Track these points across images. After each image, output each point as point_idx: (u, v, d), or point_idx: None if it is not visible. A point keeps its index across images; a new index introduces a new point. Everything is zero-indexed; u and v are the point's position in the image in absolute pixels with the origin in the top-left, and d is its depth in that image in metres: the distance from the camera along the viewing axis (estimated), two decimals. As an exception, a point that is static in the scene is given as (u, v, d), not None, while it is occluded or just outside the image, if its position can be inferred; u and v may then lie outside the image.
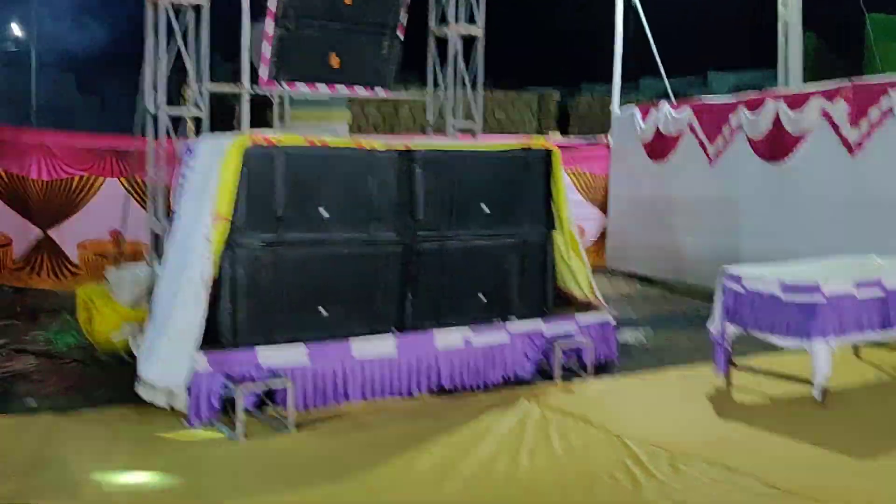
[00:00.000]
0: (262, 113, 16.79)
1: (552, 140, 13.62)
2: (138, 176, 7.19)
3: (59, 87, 25.80)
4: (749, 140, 10.34)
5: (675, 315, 9.61)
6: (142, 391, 5.70)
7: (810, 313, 6.05)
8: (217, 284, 5.68)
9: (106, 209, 9.76)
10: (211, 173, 5.63)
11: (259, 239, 5.73)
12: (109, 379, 6.52)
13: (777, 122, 9.97)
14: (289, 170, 5.78)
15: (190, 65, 6.48)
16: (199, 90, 6.36)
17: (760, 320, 6.36)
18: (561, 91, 25.36)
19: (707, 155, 10.91)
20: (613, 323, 7.27)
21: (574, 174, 12.45)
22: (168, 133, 6.39)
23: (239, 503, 4.44)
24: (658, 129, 11.66)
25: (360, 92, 7.43)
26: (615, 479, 4.76)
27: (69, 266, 10.41)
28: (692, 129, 11.13)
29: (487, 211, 6.64)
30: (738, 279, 6.56)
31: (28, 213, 10.26)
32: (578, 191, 12.48)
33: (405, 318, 6.36)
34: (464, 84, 7.80)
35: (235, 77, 7.06)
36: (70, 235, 10.44)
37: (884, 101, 8.87)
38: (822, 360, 6.05)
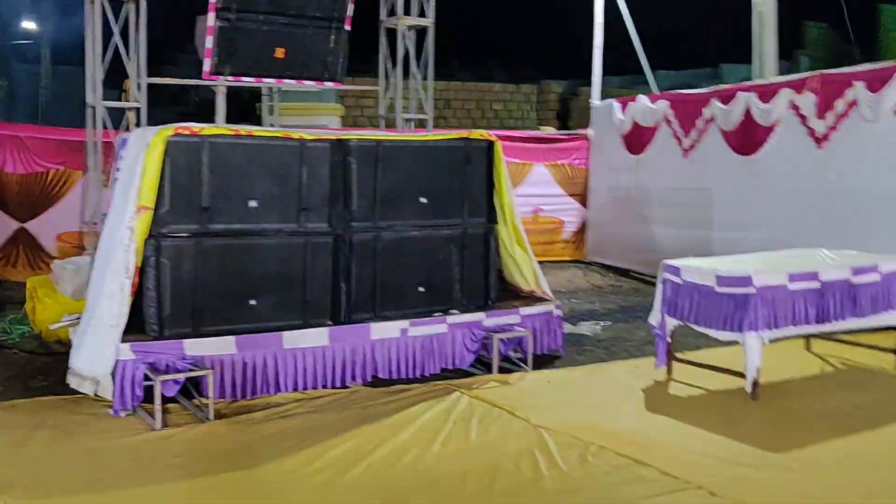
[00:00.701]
0: (251, 107, 16.89)
1: (543, 132, 13.63)
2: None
3: (73, 80, 26.02)
4: (722, 132, 10.28)
5: (641, 308, 9.51)
6: (71, 380, 5.78)
7: (742, 305, 6.01)
8: (143, 274, 5.74)
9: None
10: (136, 164, 5.69)
11: (183, 229, 5.78)
12: (52, 368, 6.61)
13: (748, 114, 9.91)
14: (214, 160, 5.82)
15: (131, 58, 6.54)
16: (138, 83, 6.40)
17: (697, 313, 6.33)
18: (574, 83, 25.20)
19: (681, 147, 10.85)
20: (559, 314, 7.25)
21: (553, 167, 12.43)
22: (105, 125, 6.45)
23: (134, 491, 4.48)
24: (635, 121, 11.61)
25: (310, 85, 7.47)
26: (518, 469, 4.77)
27: (46, 258, 10.54)
28: (668, 122, 11.07)
29: (425, 202, 6.65)
30: (676, 271, 6.52)
31: (4, 206, 10.42)
32: (558, 183, 12.46)
33: (339, 309, 6.39)
34: (423, 76, 7.83)
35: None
36: (47, 228, 10.59)
37: (849, 93, 8.80)
38: (753, 352, 6.00)
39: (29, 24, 25.98)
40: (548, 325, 7.14)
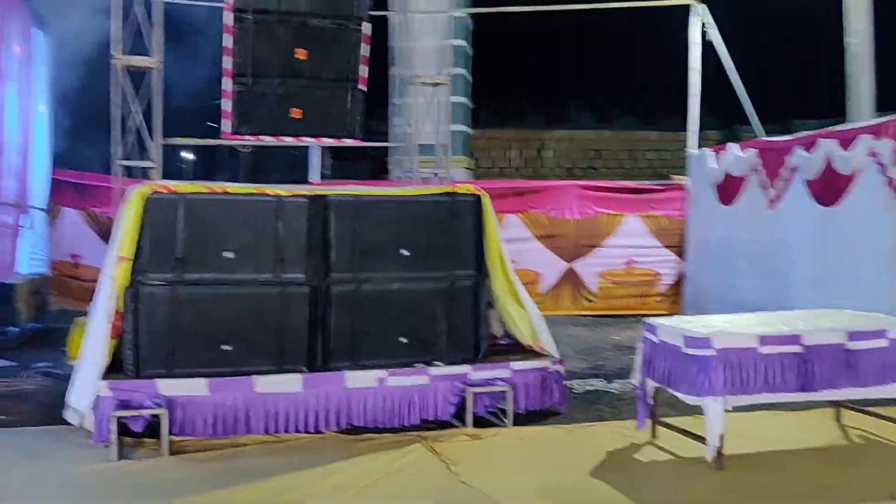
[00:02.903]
0: (382, 161, 17.68)
1: (677, 183, 13.30)
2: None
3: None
4: (805, 182, 9.62)
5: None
6: (65, 412, 6.43)
7: (704, 368, 5.68)
8: (124, 319, 6.29)
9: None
10: (120, 218, 6.29)
11: (159, 278, 6.29)
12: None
13: (829, 162, 9.23)
14: (189, 215, 6.31)
15: (153, 121, 7.22)
16: (152, 144, 7.07)
17: (669, 374, 6.03)
18: (733, 130, 24.20)
19: (767, 198, 10.24)
20: (557, 370, 7.08)
21: (647, 217, 12.09)
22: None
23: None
24: (727, 171, 11.08)
25: (328, 142, 7.86)
26: (396, 525, 4.80)
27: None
28: (755, 171, 10.49)
29: (408, 255, 6.80)
30: (653, 330, 6.25)
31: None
32: (652, 234, 12.09)
33: (315, 358, 6.64)
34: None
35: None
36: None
37: (925, 139, 8.02)
38: (714, 418, 5.64)
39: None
40: (542, 381, 7.00)
